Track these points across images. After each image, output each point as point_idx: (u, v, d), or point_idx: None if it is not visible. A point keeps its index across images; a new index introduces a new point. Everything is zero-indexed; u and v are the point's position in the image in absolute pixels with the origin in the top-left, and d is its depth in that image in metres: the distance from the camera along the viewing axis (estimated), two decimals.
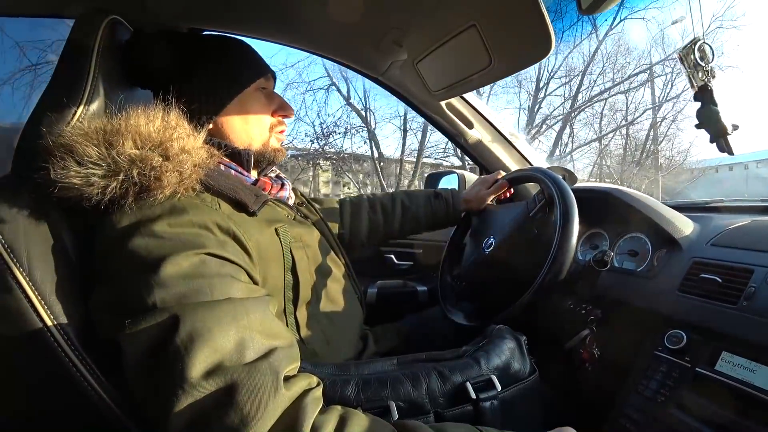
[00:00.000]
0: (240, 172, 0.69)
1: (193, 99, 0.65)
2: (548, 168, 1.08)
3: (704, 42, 0.66)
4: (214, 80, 0.68)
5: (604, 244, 1.05)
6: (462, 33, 0.85)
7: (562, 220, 0.80)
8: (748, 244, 0.76)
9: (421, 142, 10.56)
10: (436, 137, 10.44)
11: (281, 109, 0.76)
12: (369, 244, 1.08)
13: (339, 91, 10.18)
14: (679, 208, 1.00)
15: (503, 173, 1.12)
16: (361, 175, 11.17)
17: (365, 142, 10.59)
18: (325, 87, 10.09)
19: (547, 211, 0.91)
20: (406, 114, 10.44)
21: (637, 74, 9.96)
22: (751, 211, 0.95)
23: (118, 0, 0.78)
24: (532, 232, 0.92)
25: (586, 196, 0.96)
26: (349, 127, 10.15)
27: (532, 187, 1.36)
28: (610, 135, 10.54)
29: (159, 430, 0.42)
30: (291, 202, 0.79)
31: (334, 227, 1.01)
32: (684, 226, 0.90)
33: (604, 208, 1.03)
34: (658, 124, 10.01)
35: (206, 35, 0.72)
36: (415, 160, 10.76)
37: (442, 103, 1.26)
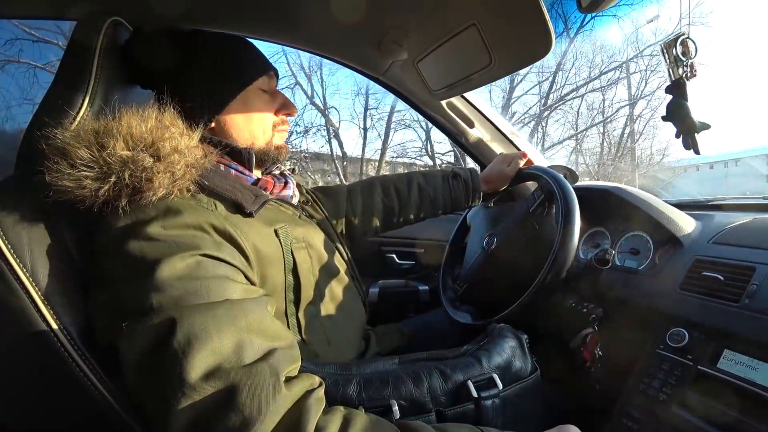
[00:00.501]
0: (241, 172, 0.69)
1: (194, 97, 0.64)
2: (550, 167, 1.08)
3: (688, 37, 0.66)
4: (216, 78, 0.67)
5: (605, 242, 1.05)
6: (462, 32, 0.85)
7: (564, 218, 0.81)
8: (749, 241, 0.76)
9: (384, 142, 10.19)
10: (398, 137, 10.16)
11: (284, 107, 0.75)
12: (383, 230, 1.04)
13: (303, 89, 9.88)
14: (681, 206, 1.00)
15: (527, 153, 1.08)
16: (330, 176, 10.80)
17: (327, 142, 10.25)
18: (290, 86, 9.70)
19: (547, 207, 0.92)
20: (366, 112, 10.14)
21: (608, 71, 9.75)
22: (753, 209, 0.95)
23: (120, 1, 0.78)
24: (532, 228, 0.92)
25: (587, 195, 0.96)
26: (307, 127, 9.89)
27: (533, 186, 1.36)
28: (587, 132, 10.29)
29: None
30: (295, 200, 0.78)
31: (341, 222, 0.99)
32: (685, 224, 0.90)
33: (606, 207, 1.03)
34: (635, 121, 9.88)
35: (207, 33, 0.71)
36: (388, 159, 10.41)
37: (443, 103, 1.26)
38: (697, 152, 0.69)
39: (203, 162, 0.57)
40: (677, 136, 0.70)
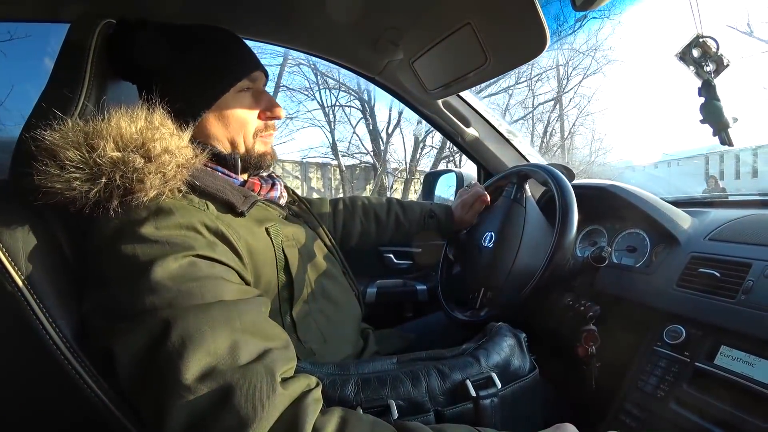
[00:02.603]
0: (227, 175, 0.67)
1: (176, 98, 0.61)
2: (548, 164, 1.08)
3: (705, 37, 0.66)
4: (193, 80, 0.64)
5: (602, 240, 1.05)
6: (457, 31, 0.85)
7: (561, 213, 0.81)
8: (745, 238, 0.77)
9: None
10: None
11: (269, 110, 0.70)
12: (357, 248, 1.08)
13: None
14: (677, 203, 1.00)
15: (480, 188, 1.11)
16: None
17: None
18: None
19: (523, 189, 1.00)
20: None
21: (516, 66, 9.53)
22: (749, 206, 0.95)
23: (113, 3, 0.78)
24: (522, 211, 0.96)
25: (584, 192, 0.96)
26: None
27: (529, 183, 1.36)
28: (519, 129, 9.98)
29: None
30: (282, 201, 0.77)
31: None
32: (682, 221, 0.90)
33: (602, 204, 1.03)
34: (558, 119, 9.62)
35: (192, 28, 0.67)
36: (298, 159, 9.86)
37: (439, 102, 1.26)
38: (731, 145, 0.70)
39: (194, 162, 0.56)
40: (714, 135, 0.71)
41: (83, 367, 0.49)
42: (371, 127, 9.33)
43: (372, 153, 9.39)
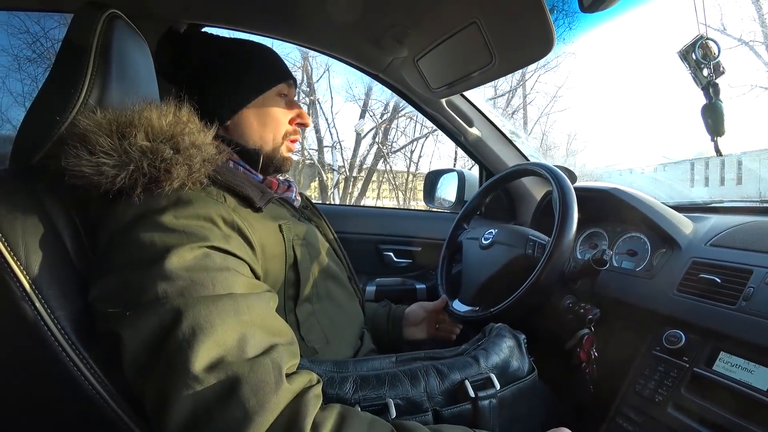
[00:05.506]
0: (248, 170, 0.70)
1: (215, 96, 0.69)
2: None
3: (707, 39, 0.65)
4: (239, 79, 0.70)
5: (603, 243, 1.05)
6: (463, 30, 0.84)
7: (561, 215, 0.80)
8: (747, 244, 0.76)
9: None
10: None
11: (299, 117, 0.77)
12: None
13: None
14: (679, 208, 1.00)
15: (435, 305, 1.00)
16: None
17: None
18: None
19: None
20: None
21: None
22: (751, 212, 0.95)
23: None
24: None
25: (585, 195, 0.96)
26: None
27: (531, 187, 1.36)
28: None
29: (158, 424, 0.42)
30: (296, 204, 0.79)
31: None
32: (683, 226, 0.90)
33: (604, 208, 1.03)
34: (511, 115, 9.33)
35: (234, 38, 0.75)
36: None
37: (443, 101, 1.25)
38: (719, 154, 0.71)
39: (217, 158, 0.58)
40: (711, 140, 0.71)
41: (83, 361, 0.48)
42: (314, 124, 8.91)
43: (317, 150, 9.15)
